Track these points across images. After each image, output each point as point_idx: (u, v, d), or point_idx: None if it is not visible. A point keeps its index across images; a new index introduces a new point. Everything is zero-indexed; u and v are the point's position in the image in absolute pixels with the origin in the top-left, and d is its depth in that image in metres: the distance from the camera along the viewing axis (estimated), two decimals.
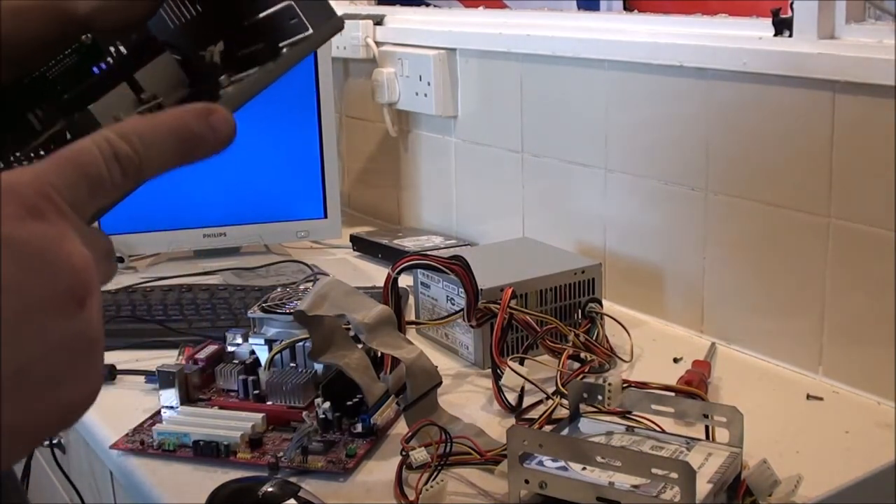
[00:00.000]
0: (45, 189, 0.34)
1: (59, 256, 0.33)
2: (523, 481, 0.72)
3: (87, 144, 0.37)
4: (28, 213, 0.33)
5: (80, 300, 0.34)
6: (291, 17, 0.56)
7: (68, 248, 0.33)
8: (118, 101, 0.57)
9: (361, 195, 1.79)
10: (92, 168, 0.36)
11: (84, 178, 0.36)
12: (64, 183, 0.35)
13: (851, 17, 0.96)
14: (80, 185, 0.36)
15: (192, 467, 0.85)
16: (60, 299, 0.33)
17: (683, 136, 1.11)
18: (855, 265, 0.96)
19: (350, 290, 0.87)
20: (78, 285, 0.34)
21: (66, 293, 0.33)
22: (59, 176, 0.35)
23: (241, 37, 0.60)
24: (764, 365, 1.05)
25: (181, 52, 0.61)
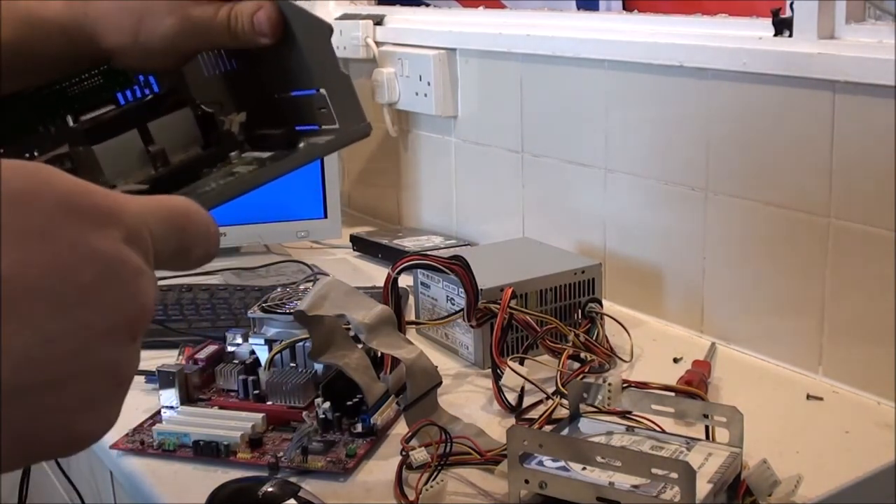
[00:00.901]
0: (143, 229, 0.35)
1: (134, 290, 0.33)
2: (523, 481, 0.72)
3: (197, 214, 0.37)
4: (124, 239, 0.33)
5: (134, 336, 0.34)
6: (321, 106, 0.56)
7: (144, 286, 0.34)
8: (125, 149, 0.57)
9: (361, 195, 1.79)
10: (189, 237, 0.37)
11: (178, 242, 0.37)
12: (161, 233, 0.36)
13: (851, 17, 0.96)
14: (173, 244, 0.36)
15: (192, 467, 0.85)
16: (121, 328, 0.33)
17: (683, 136, 1.11)
18: (855, 265, 0.96)
19: (350, 290, 0.87)
20: (138, 321, 0.34)
21: (128, 325, 0.33)
22: (159, 225, 0.36)
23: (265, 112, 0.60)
24: (764, 365, 1.05)
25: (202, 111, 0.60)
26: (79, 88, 0.61)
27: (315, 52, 0.56)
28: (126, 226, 0.33)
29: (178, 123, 0.59)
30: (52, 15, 0.57)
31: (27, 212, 0.30)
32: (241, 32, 0.57)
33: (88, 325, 0.32)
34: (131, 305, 0.33)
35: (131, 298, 0.33)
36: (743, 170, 1.05)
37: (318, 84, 0.56)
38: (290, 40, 0.57)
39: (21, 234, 0.30)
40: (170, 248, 0.36)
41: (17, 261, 0.30)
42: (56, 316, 0.31)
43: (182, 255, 0.37)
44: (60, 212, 0.31)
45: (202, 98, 0.61)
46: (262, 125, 0.60)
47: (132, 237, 0.34)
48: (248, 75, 0.62)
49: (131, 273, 0.33)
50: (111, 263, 0.32)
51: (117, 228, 0.33)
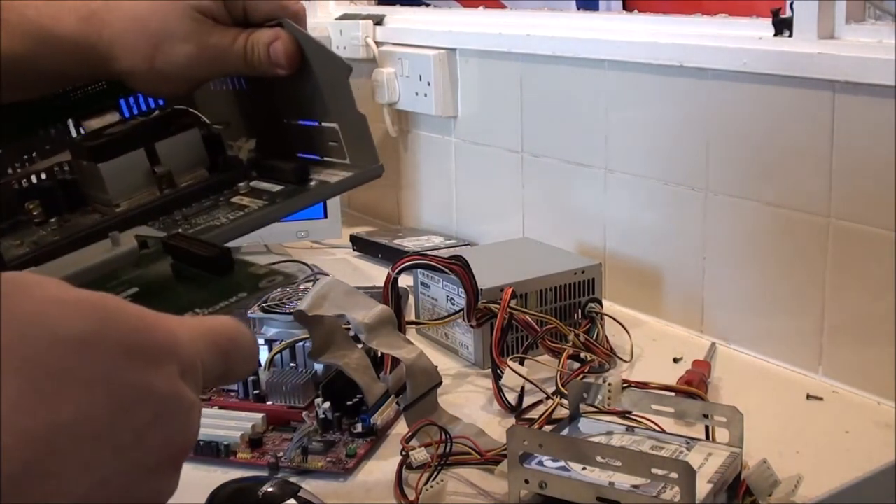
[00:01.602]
0: (196, 361, 0.35)
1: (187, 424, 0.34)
2: (523, 481, 0.72)
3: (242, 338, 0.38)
4: (179, 373, 0.34)
5: (179, 466, 0.35)
6: (332, 140, 0.55)
7: (194, 419, 0.35)
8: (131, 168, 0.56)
9: (361, 195, 1.79)
10: (234, 363, 0.38)
11: (225, 367, 0.37)
12: (210, 363, 0.36)
13: (851, 17, 0.96)
14: (220, 370, 0.37)
15: (192, 467, 0.85)
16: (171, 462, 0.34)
17: (683, 136, 1.11)
18: (855, 265, 0.96)
19: (350, 290, 0.87)
20: (185, 453, 0.35)
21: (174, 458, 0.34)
22: (209, 353, 0.36)
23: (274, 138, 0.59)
24: (764, 365, 1.05)
25: (210, 133, 0.60)
26: (82, 93, 0.60)
27: (331, 88, 0.56)
28: (181, 361, 0.34)
29: (186, 144, 0.59)
30: (65, 33, 0.56)
31: (93, 358, 0.30)
32: (258, 62, 0.56)
33: (142, 463, 0.32)
34: (183, 440, 0.34)
35: (183, 433, 0.34)
36: (743, 170, 1.05)
37: (331, 119, 0.56)
38: (306, 72, 0.56)
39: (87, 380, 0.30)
40: (217, 372, 0.37)
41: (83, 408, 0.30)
42: (113, 460, 0.31)
43: (226, 378, 0.38)
44: (123, 354, 0.31)
45: (210, 116, 0.61)
46: (272, 153, 0.59)
47: (187, 371, 0.34)
48: (259, 99, 0.61)
49: (185, 408, 0.34)
50: (168, 402, 0.33)
51: (175, 364, 0.33)
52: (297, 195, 0.54)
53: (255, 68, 0.57)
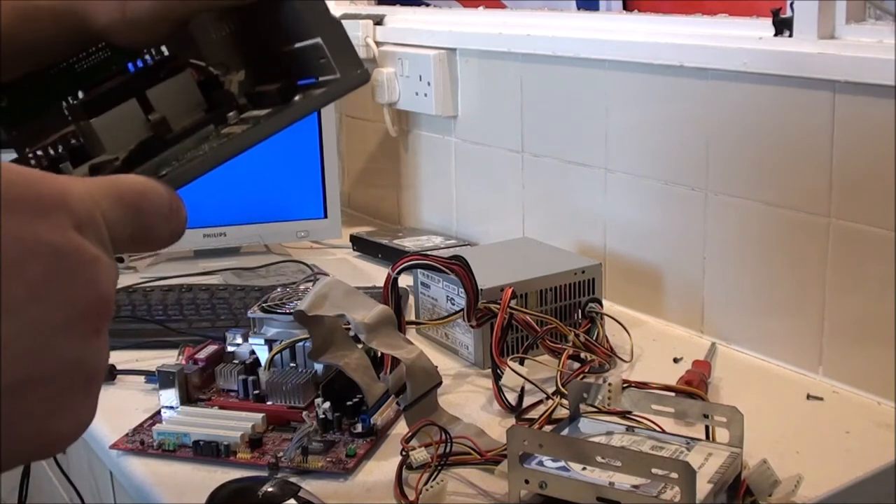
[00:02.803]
0: (94, 213, 0.33)
1: (90, 279, 0.32)
2: (523, 481, 0.72)
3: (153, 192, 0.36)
4: (72, 226, 0.32)
5: (97, 328, 0.32)
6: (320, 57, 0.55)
7: (101, 273, 0.32)
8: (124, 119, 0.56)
9: (361, 195, 1.79)
10: (147, 217, 0.35)
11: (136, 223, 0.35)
12: (115, 216, 0.34)
13: (851, 17, 0.96)
14: (128, 225, 0.35)
15: (192, 467, 0.85)
16: (80, 321, 0.31)
17: (683, 136, 1.11)
18: (855, 265, 0.96)
19: (350, 290, 0.87)
20: (99, 313, 0.32)
21: (87, 317, 0.32)
22: (113, 206, 0.34)
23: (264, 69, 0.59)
24: (764, 365, 1.05)
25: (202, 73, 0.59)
26: (87, 63, 0.60)
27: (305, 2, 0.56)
28: (75, 212, 0.32)
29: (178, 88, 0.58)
30: (45, 4, 0.57)
31: None
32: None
33: (42, 321, 0.30)
34: (88, 296, 0.32)
35: (87, 288, 0.31)
36: (743, 170, 1.05)
37: (314, 34, 0.55)
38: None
39: None
40: (127, 230, 0.34)
41: None
42: (7, 317, 0.29)
43: (143, 237, 0.35)
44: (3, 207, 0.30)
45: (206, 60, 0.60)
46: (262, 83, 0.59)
47: (83, 223, 0.32)
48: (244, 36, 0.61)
49: (85, 261, 0.31)
50: (61, 253, 0.31)
51: (65, 216, 0.31)
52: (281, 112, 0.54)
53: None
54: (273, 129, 0.53)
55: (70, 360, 0.31)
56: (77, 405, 0.32)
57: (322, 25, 0.55)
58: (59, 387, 0.31)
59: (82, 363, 0.32)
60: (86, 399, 0.33)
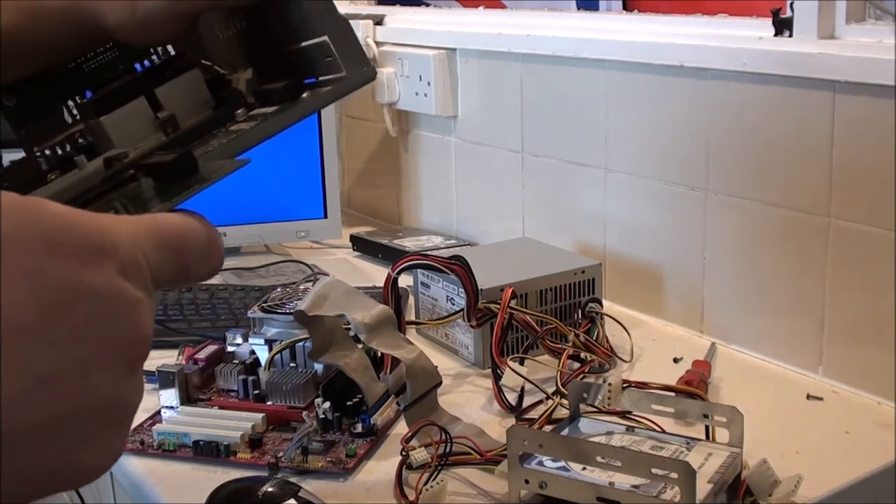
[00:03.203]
0: (138, 256, 0.34)
1: (132, 322, 0.33)
2: (523, 481, 0.72)
3: (196, 233, 0.37)
4: (118, 270, 0.33)
5: (134, 368, 0.33)
6: (327, 55, 0.55)
7: (141, 317, 0.33)
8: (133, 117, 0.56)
9: (361, 195, 1.79)
10: (187, 258, 0.36)
11: (176, 263, 0.36)
12: (157, 259, 0.35)
13: (851, 17, 0.96)
14: (170, 266, 0.36)
15: (192, 467, 0.85)
16: (121, 363, 0.33)
17: (683, 136, 1.11)
18: (855, 265, 0.96)
19: (350, 290, 0.87)
20: (137, 354, 0.33)
21: (126, 358, 0.33)
22: (156, 249, 0.35)
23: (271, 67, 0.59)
24: (764, 365, 1.05)
25: (210, 72, 0.60)
26: (95, 63, 0.60)
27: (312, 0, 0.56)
28: (120, 257, 0.33)
29: (186, 87, 0.59)
30: (52, 2, 0.57)
31: (12, 254, 0.30)
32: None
33: (85, 361, 0.31)
34: (128, 338, 0.33)
35: (128, 331, 0.33)
36: (743, 170, 1.05)
37: (320, 32, 0.55)
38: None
39: (8, 277, 0.29)
40: (169, 271, 0.35)
41: (6, 304, 0.29)
42: (51, 356, 0.30)
43: (183, 276, 0.36)
44: (47, 251, 0.31)
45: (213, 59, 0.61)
46: (269, 81, 0.59)
47: (127, 267, 0.33)
48: (251, 35, 0.61)
49: (127, 306, 0.33)
50: (106, 298, 0.32)
51: (111, 261, 0.32)
52: (289, 109, 0.54)
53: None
54: (281, 125, 0.53)
55: (107, 398, 0.32)
56: (109, 440, 0.33)
57: (329, 23, 0.55)
58: (96, 421, 0.32)
59: (119, 401, 0.33)
60: (118, 433, 0.34)
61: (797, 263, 1.01)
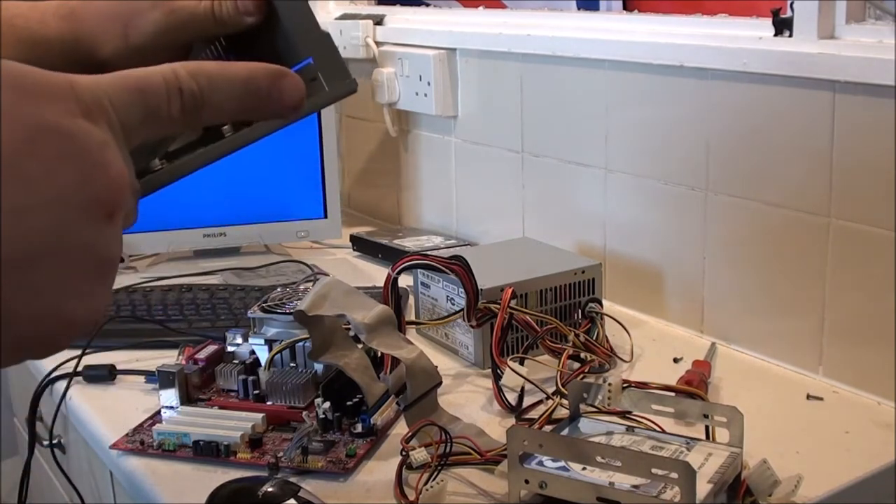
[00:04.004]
0: (101, 99, 0.34)
1: (101, 162, 0.33)
2: (523, 481, 0.72)
3: (155, 73, 0.37)
4: (81, 112, 0.33)
5: (109, 213, 0.34)
6: (312, 78, 0.56)
7: (110, 158, 0.33)
8: None
9: (361, 195, 1.79)
10: (152, 97, 0.37)
11: (142, 103, 0.36)
12: (122, 101, 0.35)
13: (851, 17, 0.96)
14: (136, 107, 0.36)
15: (192, 467, 0.85)
16: (90, 204, 0.33)
17: (683, 136, 1.11)
18: (855, 265, 0.96)
19: (350, 290, 0.87)
20: (110, 197, 0.33)
21: (98, 201, 0.33)
22: (118, 93, 0.35)
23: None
24: (764, 365, 1.05)
25: None
26: None
27: (297, 22, 0.57)
28: (82, 99, 0.33)
29: None
30: (51, 34, 0.57)
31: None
32: (227, 16, 0.57)
33: (58, 198, 0.32)
34: (101, 179, 0.33)
35: (99, 171, 0.33)
36: (743, 170, 1.05)
37: (305, 54, 0.56)
38: (273, 18, 0.57)
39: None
40: (136, 114, 0.36)
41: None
42: (24, 190, 0.31)
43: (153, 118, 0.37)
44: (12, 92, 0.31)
45: None
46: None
47: (91, 110, 0.34)
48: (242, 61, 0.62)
49: (95, 145, 0.33)
50: (71, 136, 0.32)
51: (73, 102, 0.33)
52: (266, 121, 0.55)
53: (226, 23, 0.57)
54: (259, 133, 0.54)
55: (83, 241, 0.33)
56: (90, 290, 0.34)
57: (312, 43, 0.56)
58: (72, 267, 0.33)
59: (95, 247, 0.33)
60: (99, 285, 0.34)
61: (797, 263, 1.01)
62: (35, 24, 0.57)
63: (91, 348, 1.06)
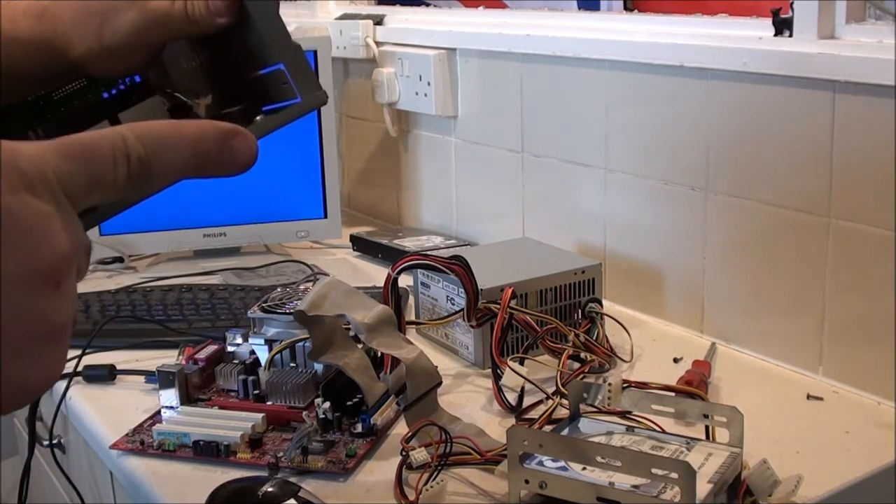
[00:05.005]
0: (45, 171, 0.34)
1: (45, 235, 0.33)
2: (523, 481, 0.72)
3: (101, 140, 0.37)
4: (24, 187, 0.33)
5: (56, 283, 0.34)
6: (283, 82, 0.56)
7: (55, 230, 0.34)
8: None
9: (361, 195, 1.79)
10: (98, 165, 0.36)
11: (87, 172, 0.36)
12: (66, 171, 0.35)
13: (851, 17, 0.96)
14: (81, 177, 0.36)
15: (192, 467, 0.85)
16: (37, 277, 0.33)
17: (683, 136, 1.11)
18: (855, 265, 0.96)
19: (350, 290, 0.87)
20: (56, 268, 0.34)
21: (44, 272, 0.33)
22: (62, 162, 0.35)
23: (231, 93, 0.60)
24: (764, 365, 1.05)
25: (172, 99, 0.61)
26: (63, 92, 0.61)
27: (268, 29, 0.57)
28: (24, 173, 0.33)
29: (149, 112, 0.60)
30: (24, 34, 0.57)
31: None
32: (199, 17, 0.57)
33: (3, 275, 0.32)
34: (44, 252, 0.33)
35: (42, 245, 0.33)
36: (743, 170, 1.05)
37: (276, 60, 0.57)
38: (245, 21, 0.58)
39: None
40: (81, 182, 0.36)
41: None
42: None
43: (98, 185, 0.37)
44: None
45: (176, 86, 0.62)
46: (228, 106, 0.60)
47: (33, 183, 0.34)
48: (213, 63, 0.62)
49: (37, 219, 0.33)
50: (14, 213, 0.32)
51: (15, 177, 0.33)
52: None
53: (199, 24, 0.58)
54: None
55: (30, 312, 0.33)
56: (43, 355, 0.34)
57: (284, 51, 0.56)
58: (22, 337, 0.33)
59: (45, 315, 0.34)
60: (52, 350, 0.34)
61: (797, 263, 1.01)
62: (6, 23, 0.57)
63: (91, 348, 1.06)
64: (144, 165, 0.38)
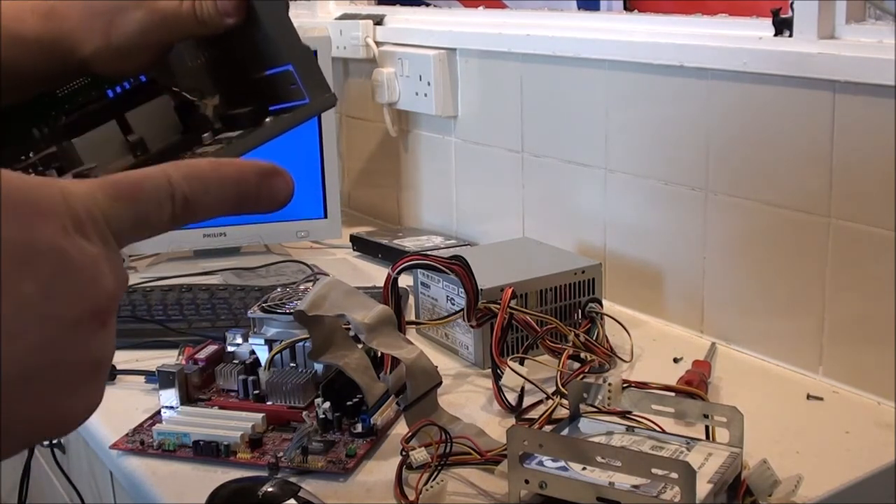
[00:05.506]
0: (94, 211, 0.35)
1: (94, 277, 0.34)
2: (523, 481, 0.72)
3: (147, 181, 0.37)
4: (75, 229, 0.34)
5: (104, 321, 0.35)
6: (291, 83, 0.56)
7: (103, 271, 0.34)
8: (104, 139, 0.57)
9: (361, 195, 1.79)
10: (144, 205, 0.37)
11: (133, 212, 0.37)
12: (114, 211, 0.36)
13: (851, 17, 0.96)
14: (128, 217, 0.36)
15: (192, 467, 0.85)
16: (87, 317, 0.34)
17: (683, 136, 1.11)
18: (855, 265, 0.96)
19: (350, 290, 0.87)
20: (104, 307, 0.35)
21: (93, 313, 0.34)
22: (110, 202, 0.36)
23: (239, 93, 0.60)
24: (764, 365, 1.05)
25: (179, 98, 0.61)
26: (68, 89, 0.61)
27: (277, 29, 0.57)
28: (73, 214, 0.34)
29: (156, 112, 0.60)
30: (30, 33, 0.57)
31: None
32: (208, 17, 0.57)
33: (54, 317, 0.33)
34: (94, 293, 0.34)
35: (92, 286, 0.34)
36: (743, 170, 1.05)
37: (285, 61, 0.57)
38: (253, 21, 0.57)
39: None
40: (127, 222, 0.36)
41: None
42: (19, 311, 0.32)
43: (143, 225, 0.37)
44: (5, 212, 0.32)
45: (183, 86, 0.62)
46: (236, 107, 0.60)
47: (83, 224, 0.34)
48: (220, 63, 0.62)
49: (88, 261, 0.34)
50: (66, 255, 0.33)
51: (64, 218, 0.34)
52: (251, 134, 0.55)
53: (207, 24, 0.57)
54: (243, 148, 0.55)
55: (80, 351, 0.34)
56: (86, 389, 0.35)
57: (293, 52, 0.56)
58: (69, 374, 0.34)
59: (90, 354, 0.34)
60: (94, 384, 0.35)
61: (797, 263, 1.01)
62: (13, 22, 0.57)
63: None
64: (189, 206, 0.38)
